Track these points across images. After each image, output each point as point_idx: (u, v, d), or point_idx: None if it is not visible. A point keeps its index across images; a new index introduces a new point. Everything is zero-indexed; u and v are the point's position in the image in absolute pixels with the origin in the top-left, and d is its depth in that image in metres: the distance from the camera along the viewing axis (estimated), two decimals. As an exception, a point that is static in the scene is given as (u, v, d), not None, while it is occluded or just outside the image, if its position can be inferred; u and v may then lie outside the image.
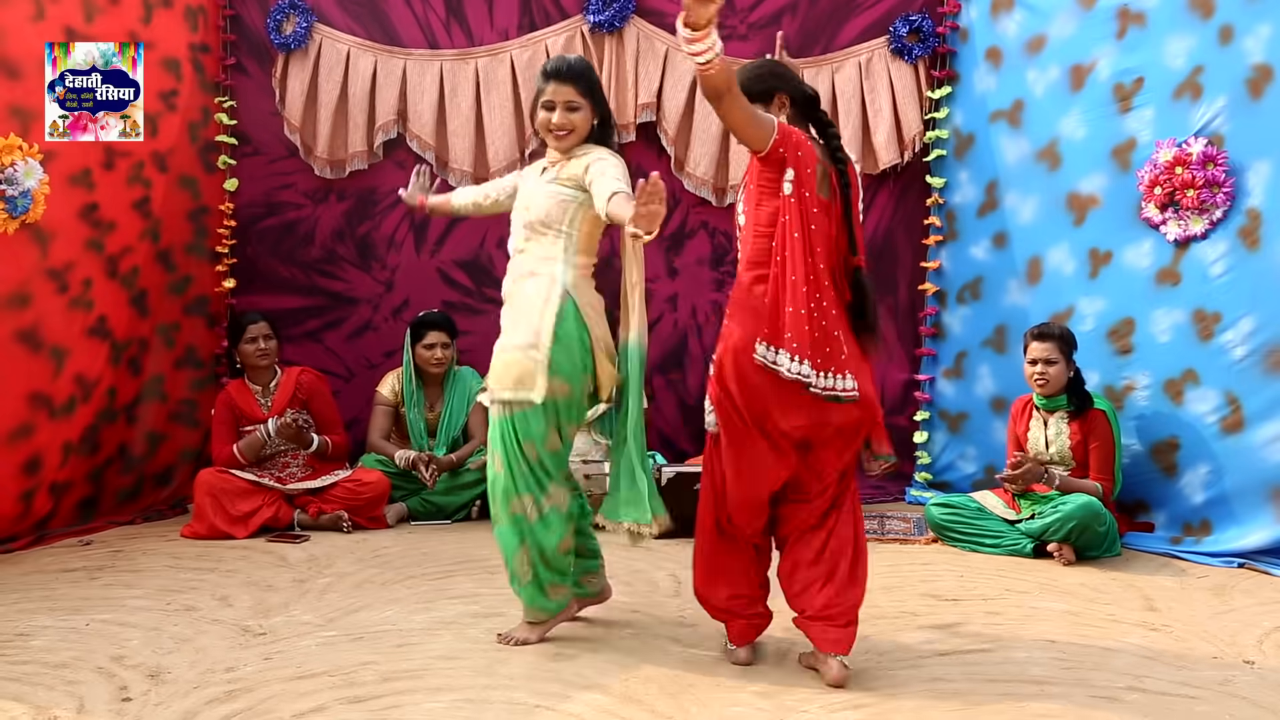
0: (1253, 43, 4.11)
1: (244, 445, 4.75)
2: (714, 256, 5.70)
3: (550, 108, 3.11)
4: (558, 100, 3.10)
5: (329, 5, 5.57)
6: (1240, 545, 4.12)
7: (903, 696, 2.70)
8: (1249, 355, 4.15)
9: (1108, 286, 4.69)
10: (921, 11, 5.50)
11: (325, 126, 5.54)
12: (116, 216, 4.77)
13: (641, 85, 5.53)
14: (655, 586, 3.79)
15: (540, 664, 2.93)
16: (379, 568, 4.03)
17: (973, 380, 5.40)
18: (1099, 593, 3.73)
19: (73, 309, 4.55)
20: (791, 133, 2.80)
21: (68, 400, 4.56)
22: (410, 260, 5.64)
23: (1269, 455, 4.09)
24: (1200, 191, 4.25)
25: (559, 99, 3.10)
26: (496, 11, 5.58)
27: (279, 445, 4.80)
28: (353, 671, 2.84)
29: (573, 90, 3.10)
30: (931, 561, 4.19)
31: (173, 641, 3.11)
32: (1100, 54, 4.68)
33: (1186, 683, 2.80)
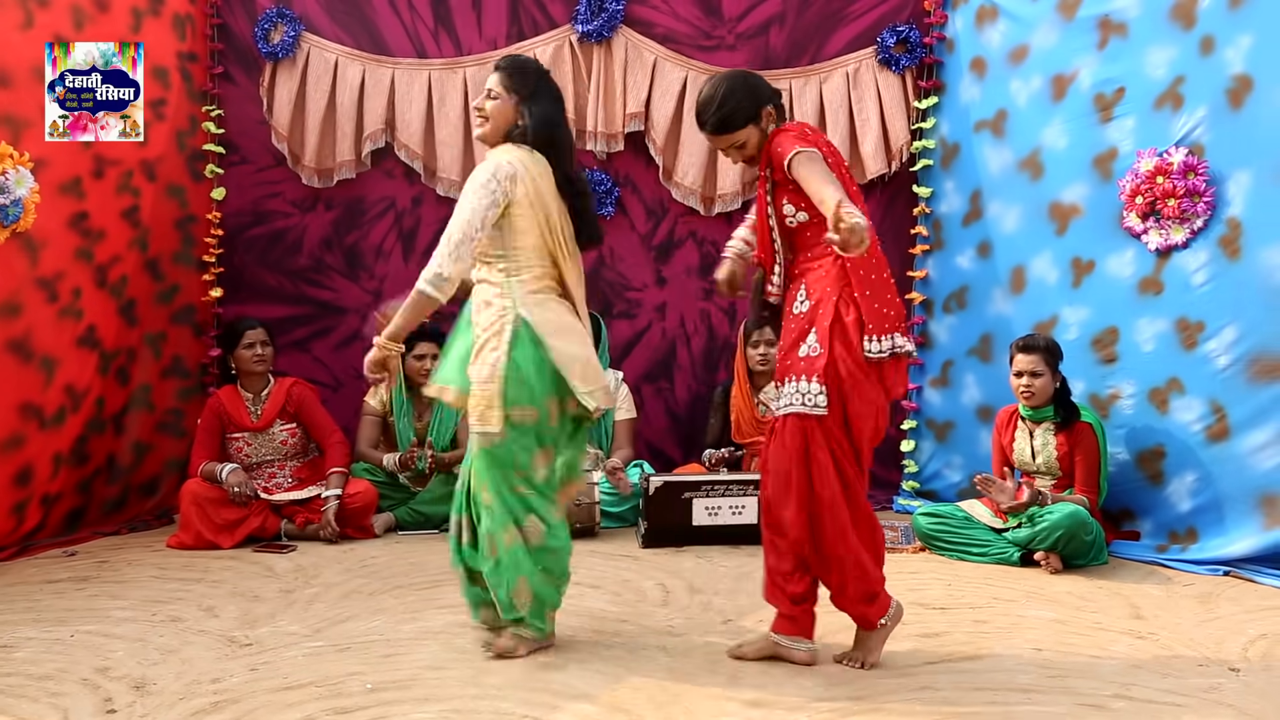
0: (1233, 53, 4.14)
1: (204, 471, 4.66)
2: (702, 266, 5.71)
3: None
4: (485, 87, 3.14)
5: (317, 14, 5.57)
6: (1226, 553, 4.14)
7: (890, 705, 2.70)
8: (1233, 364, 4.17)
9: (1091, 296, 4.71)
10: (908, 22, 5.53)
11: (313, 135, 5.54)
12: (106, 225, 4.76)
13: (630, 95, 5.54)
14: (643, 596, 3.79)
15: (528, 674, 2.92)
16: (366, 578, 4.02)
17: (959, 389, 5.42)
18: (1086, 601, 3.74)
19: (63, 318, 4.53)
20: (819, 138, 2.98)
21: (58, 411, 4.54)
22: (398, 269, 5.64)
23: (1255, 463, 4.11)
24: (1181, 201, 4.28)
25: (486, 86, 3.14)
26: (485, 21, 5.60)
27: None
28: (339, 682, 2.83)
29: (498, 79, 3.11)
30: (919, 570, 4.20)
31: (158, 653, 3.10)
32: (1082, 64, 4.72)
33: (1173, 690, 2.81)
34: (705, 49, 5.61)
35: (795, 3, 5.59)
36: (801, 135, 2.92)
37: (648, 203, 5.71)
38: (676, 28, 5.61)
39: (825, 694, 2.77)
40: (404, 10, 5.58)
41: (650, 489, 4.51)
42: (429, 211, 5.66)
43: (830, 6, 5.58)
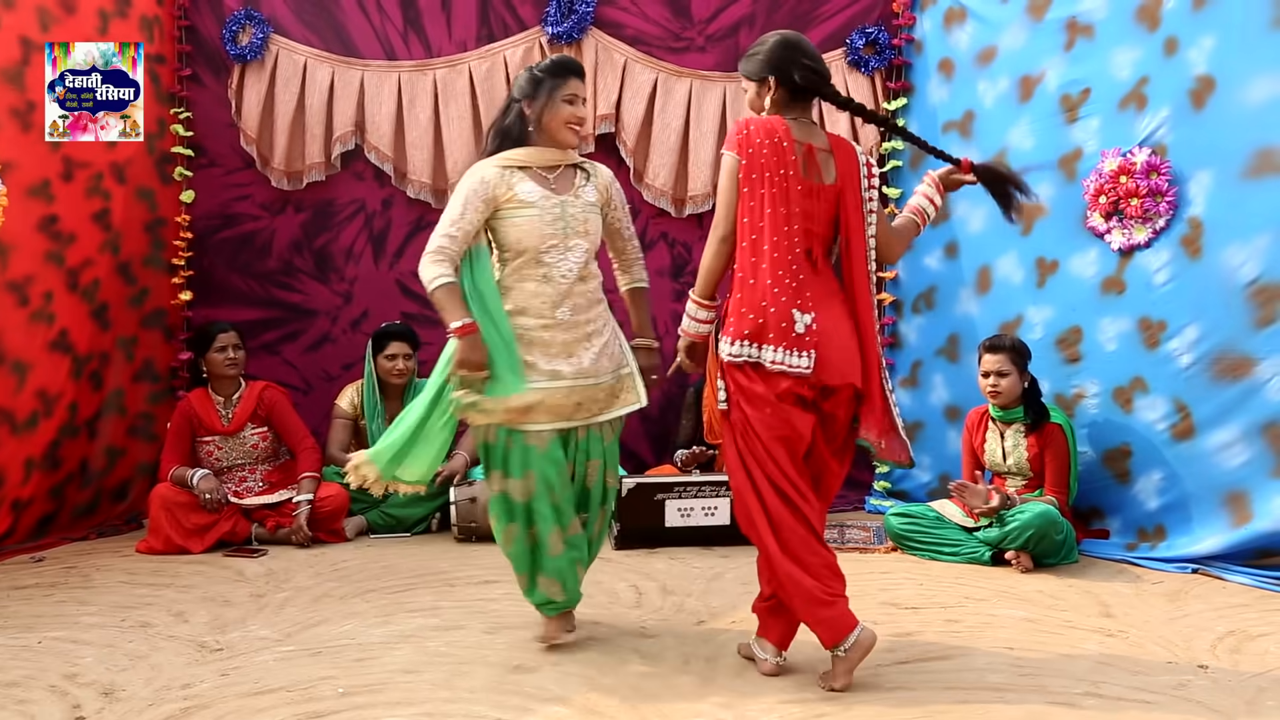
0: (1196, 54, 4.19)
1: (174, 476, 4.64)
2: (674, 267, 5.72)
3: (572, 101, 3.11)
4: (579, 96, 3.13)
5: (285, 16, 5.54)
6: (1194, 551, 4.18)
7: (862, 705, 2.72)
8: (1195, 363, 4.22)
9: (1055, 295, 4.75)
10: (877, 24, 5.56)
11: (282, 138, 5.51)
12: (76, 228, 4.72)
13: (600, 96, 5.54)
14: (616, 598, 3.80)
15: (501, 677, 2.92)
16: (338, 581, 4.00)
17: (927, 389, 5.45)
18: (1056, 600, 3.77)
19: (34, 322, 4.49)
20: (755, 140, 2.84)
21: (30, 415, 4.49)
22: (369, 272, 5.62)
23: (1219, 462, 4.15)
24: (1144, 200, 4.32)
25: (581, 94, 3.14)
26: (455, 23, 5.58)
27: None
28: (311, 686, 2.82)
29: (584, 89, 3.21)
30: (891, 570, 4.23)
31: (127, 658, 3.07)
32: (1049, 65, 4.75)
33: (1142, 688, 2.84)
34: (675, 50, 5.62)
35: (765, 4, 5.61)
36: (739, 131, 2.86)
37: (619, 204, 5.71)
38: (646, 29, 5.61)
39: (797, 695, 2.79)
40: (373, 12, 5.56)
41: (623, 490, 4.51)
42: (399, 214, 5.64)
43: (800, 8, 5.60)
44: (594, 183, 3.21)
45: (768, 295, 2.77)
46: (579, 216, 3.11)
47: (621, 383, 3.21)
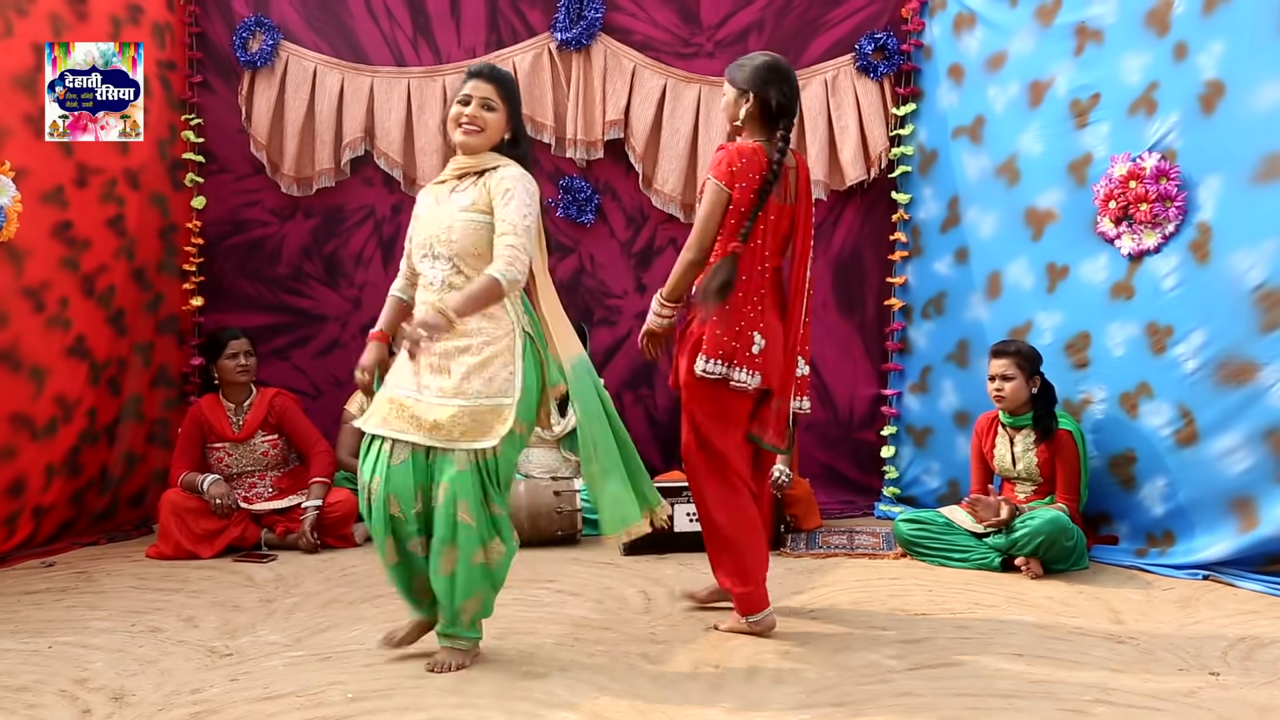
0: (1206, 59, 4.18)
1: (185, 481, 4.66)
2: (682, 273, 5.71)
3: (466, 102, 3.02)
4: (475, 95, 3.02)
5: (295, 23, 5.56)
6: (1203, 557, 4.16)
7: (871, 711, 2.71)
8: (1200, 368, 4.20)
9: (1065, 300, 4.75)
10: (886, 29, 5.56)
11: (292, 144, 5.53)
12: (91, 234, 4.75)
13: (609, 102, 5.55)
14: (625, 604, 3.79)
15: (510, 683, 2.92)
16: (347, 586, 4.01)
17: (937, 395, 5.45)
18: (1066, 606, 3.76)
19: (50, 328, 4.52)
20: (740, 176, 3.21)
21: (49, 421, 4.52)
22: (378, 277, 5.63)
23: (1224, 467, 4.13)
24: (1153, 205, 4.31)
25: (476, 94, 3.02)
26: (464, 29, 5.60)
27: None
28: (320, 691, 2.82)
29: (493, 90, 3.03)
30: (900, 576, 4.22)
31: (137, 663, 3.08)
32: (1058, 70, 4.75)
33: (1153, 695, 2.82)
34: (684, 56, 5.63)
35: (774, 10, 5.61)
36: (730, 164, 3.19)
37: (628, 210, 5.72)
38: (655, 35, 5.62)
39: (807, 701, 2.78)
40: (383, 19, 5.57)
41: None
42: (408, 220, 5.62)
43: (808, 14, 5.61)
44: (481, 185, 3.02)
45: (744, 319, 3.21)
46: (444, 223, 3.02)
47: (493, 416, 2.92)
